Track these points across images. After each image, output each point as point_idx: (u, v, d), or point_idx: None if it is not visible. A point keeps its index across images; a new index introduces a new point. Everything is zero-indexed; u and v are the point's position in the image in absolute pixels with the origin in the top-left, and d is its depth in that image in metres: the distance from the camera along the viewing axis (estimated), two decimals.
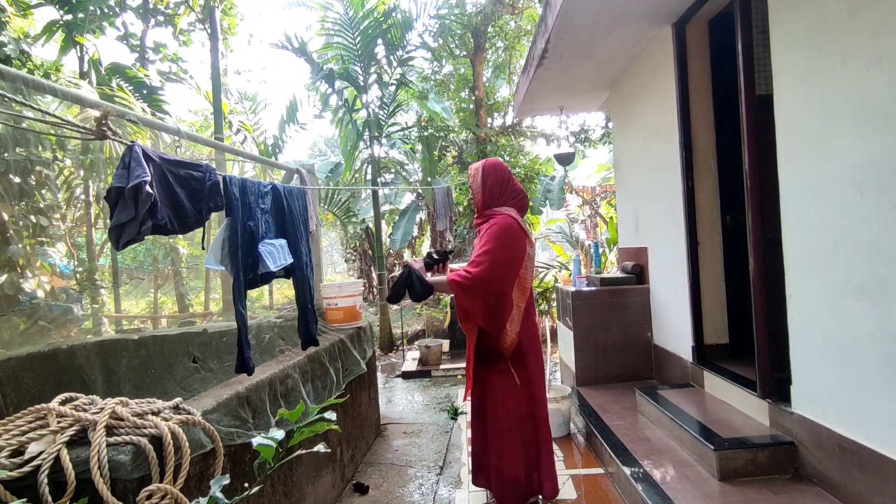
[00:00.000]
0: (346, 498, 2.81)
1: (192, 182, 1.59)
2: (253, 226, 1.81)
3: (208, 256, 1.75)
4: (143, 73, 6.36)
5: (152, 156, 1.47)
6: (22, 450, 1.22)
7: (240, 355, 1.74)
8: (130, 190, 1.36)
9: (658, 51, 3.85)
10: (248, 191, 1.82)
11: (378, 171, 7.84)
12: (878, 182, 1.93)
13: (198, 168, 1.62)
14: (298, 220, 2.12)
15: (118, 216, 1.37)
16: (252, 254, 1.77)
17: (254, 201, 1.85)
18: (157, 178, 1.46)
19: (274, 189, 1.99)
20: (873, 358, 1.98)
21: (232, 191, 1.72)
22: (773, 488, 2.31)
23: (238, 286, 1.72)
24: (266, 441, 0.99)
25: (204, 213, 1.62)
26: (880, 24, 1.90)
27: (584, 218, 10.59)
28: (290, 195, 2.09)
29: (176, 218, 1.51)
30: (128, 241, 1.40)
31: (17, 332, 4.33)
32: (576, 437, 3.57)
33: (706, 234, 3.55)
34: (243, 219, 1.76)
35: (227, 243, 1.71)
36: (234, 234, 1.71)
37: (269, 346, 3.36)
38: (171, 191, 1.51)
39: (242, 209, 1.76)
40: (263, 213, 1.91)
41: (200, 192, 1.60)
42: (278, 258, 1.90)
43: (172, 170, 1.53)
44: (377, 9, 6.82)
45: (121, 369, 2.78)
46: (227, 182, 1.72)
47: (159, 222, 1.44)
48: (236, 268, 1.70)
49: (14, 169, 4.36)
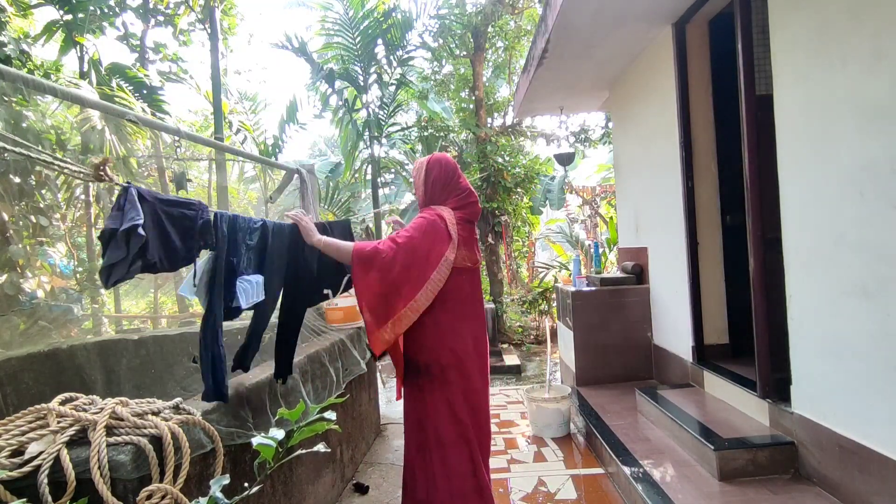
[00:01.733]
0: (346, 498, 2.81)
1: (184, 221, 1.61)
2: (235, 262, 1.83)
3: (184, 285, 1.75)
4: (143, 73, 6.36)
5: (147, 196, 1.50)
6: (22, 450, 1.22)
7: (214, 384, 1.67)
8: (123, 233, 1.39)
9: (658, 51, 3.85)
10: (237, 227, 1.84)
11: (378, 171, 7.84)
12: (878, 182, 1.93)
13: (190, 206, 1.65)
14: (276, 257, 2.08)
15: (109, 256, 1.41)
16: (228, 290, 1.79)
17: (241, 238, 1.87)
18: (151, 218, 1.49)
19: (263, 226, 1.99)
20: (873, 358, 1.98)
21: (221, 227, 1.74)
22: (773, 488, 2.31)
23: (213, 319, 1.69)
24: (266, 441, 0.99)
25: (195, 252, 1.65)
26: (880, 24, 1.90)
27: (584, 218, 10.58)
28: (275, 233, 2.07)
29: (167, 257, 1.54)
30: (117, 279, 1.43)
31: (17, 332, 4.33)
32: (576, 437, 3.57)
33: (706, 234, 3.55)
34: (227, 254, 1.77)
35: (206, 276, 1.72)
36: (215, 269, 1.72)
37: (270, 346, 3.36)
38: (164, 231, 1.54)
39: (229, 245, 1.78)
40: (248, 250, 1.91)
41: (192, 231, 1.63)
42: (251, 295, 1.90)
43: (166, 209, 1.56)
44: (377, 9, 6.82)
45: (121, 369, 2.78)
46: (218, 219, 1.73)
47: (150, 261, 1.47)
48: (216, 300, 1.70)
49: (14, 169, 4.36)
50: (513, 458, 3.26)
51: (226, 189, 7.07)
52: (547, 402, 3.59)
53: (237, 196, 12.92)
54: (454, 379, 2.14)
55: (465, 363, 2.17)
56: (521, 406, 4.34)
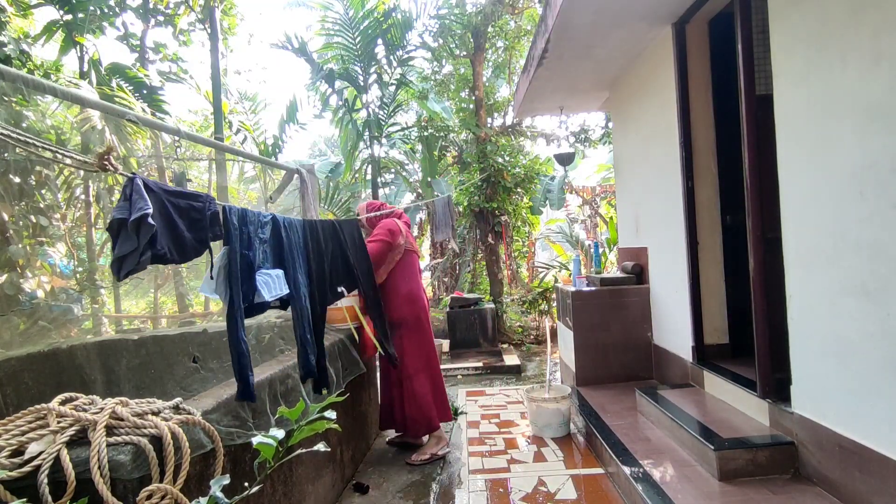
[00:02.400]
0: (346, 498, 2.81)
1: (191, 212, 1.62)
2: (251, 255, 1.83)
3: (203, 284, 1.76)
4: (143, 73, 6.36)
5: (153, 187, 1.50)
6: (22, 450, 1.22)
7: (242, 383, 1.73)
8: (133, 222, 1.38)
9: (658, 51, 3.85)
10: (247, 220, 1.84)
11: (378, 171, 7.84)
12: (878, 182, 1.93)
13: (198, 198, 1.65)
14: (297, 252, 2.13)
15: (121, 247, 1.40)
16: (248, 283, 1.79)
17: (253, 231, 1.87)
18: (158, 209, 1.49)
19: (273, 219, 2.01)
20: (873, 358, 1.98)
21: (231, 220, 1.74)
22: (773, 488, 2.31)
23: (236, 314, 1.72)
24: (266, 440, 0.99)
25: (204, 243, 1.66)
26: (880, 24, 1.90)
27: (584, 218, 10.58)
28: (289, 226, 2.11)
29: (175, 248, 1.54)
30: (129, 271, 1.43)
31: (17, 332, 4.33)
32: (576, 437, 3.57)
33: (706, 234, 3.55)
34: (241, 248, 1.78)
35: (222, 272, 1.72)
36: (230, 262, 1.73)
37: (269, 346, 3.36)
38: (171, 221, 1.54)
39: (240, 238, 1.78)
40: (262, 244, 1.92)
41: (200, 222, 1.64)
42: (273, 288, 1.90)
43: (172, 200, 1.56)
44: (377, 9, 6.82)
45: (121, 369, 2.78)
46: (227, 212, 1.74)
47: (159, 252, 1.47)
48: (236, 295, 1.72)
49: (14, 169, 4.36)
50: (513, 458, 3.27)
51: (226, 189, 7.07)
52: (547, 402, 3.59)
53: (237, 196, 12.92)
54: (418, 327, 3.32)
55: (421, 316, 3.34)
56: (521, 406, 4.34)
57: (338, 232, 2.59)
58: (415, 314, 3.32)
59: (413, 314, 3.31)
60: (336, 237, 2.58)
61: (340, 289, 2.57)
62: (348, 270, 2.59)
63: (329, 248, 2.46)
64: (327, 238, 2.47)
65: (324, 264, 2.38)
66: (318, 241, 2.38)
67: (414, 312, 3.32)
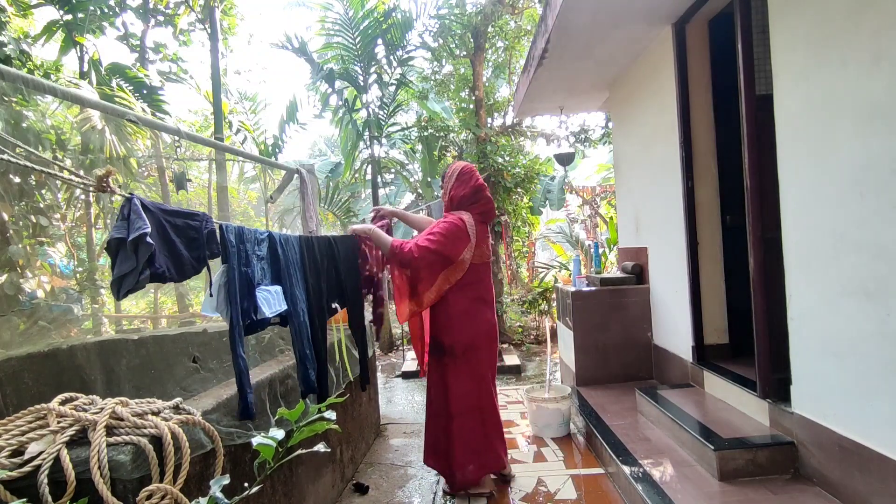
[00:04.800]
0: (346, 498, 2.81)
1: (189, 231, 1.63)
2: (249, 272, 1.84)
3: (204, 303, 1.77)
4: (143, 73, 6.36)
5: (150, 207, 1.51)
6: (22, 450, 1.22)
7: (242, 401, 1.74)
8: (132, 242, 1.39)
9: (658, 51, 3.85)
10: (244, 238, 1.86)
11: (378, 171, 7.84)
12: (878, 182, 1.93)
13: (194, 217, 1.67)
14: (294, 268, 2.14)
15: (120, 267, 1.42)
16: (248, 299, 1.80)
17: (250, 248, 1.89)
18: (156, 228, 1.50)
19: (270, 236, 2.03)
20: (873, 358, 1.98)
21: (228, 238, 1.76)
22: (773, 488, 2.31)
23: (237, 332, 1.73)
24: (266, 440, 0.99)
25: (201, 261, 1.67)
26: (880, 24, 1.90)
27: (584, 218, 10.58)
28: (285, 242, 2.12)
29: (174, 266, 1.56)
30: (128, 290, 1.45)
31: (17, 332, 4.33)
32: (576, 437, 3.57)
33: (706, 234, 3.55)
34: (239, 265, 1.79)
35: (222, 290, 1.73)
36: (230, 280, 1.74)
37: (269, 346, 3.37)
38: (169, 240, 1.56)
39: (238, 256, 1.80)
40: (259, 260, 1.94)
41: (198, 241, 1.65)
42: (273, 304, 1.93)
43: (170, 220, 1.57)
44: (377, 9, 6.81)
45: (121, 369, 2.78)
46: (224, 230, 1.75)
47: (157, 270, 1.48)
48: (235, 313, 1.73)
49: (14, 169, 4.36)
50: (513, 458, 3.26)
51: (226, 189, 7.08)
52: (547, 402, 3.59)
53: (237, 196, 12.93)
54: (470, 357, 2.66)
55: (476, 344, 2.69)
56: (521, 406, 4.34)
57: (333, 248, 2.58)
58: (468, 340, 2.67)
59: (467, 340, 2.66)
60: (331, 253, 2.57)
61: (334, 305, 2.57)
62: (340, 286, 2.59)
63: (325, 264, 2.45)
64: (323, 254, 2.46)
65: (320, 280, 2.38)
66: (314, 257, 2.37)
67: (468, 338, 2.66)
